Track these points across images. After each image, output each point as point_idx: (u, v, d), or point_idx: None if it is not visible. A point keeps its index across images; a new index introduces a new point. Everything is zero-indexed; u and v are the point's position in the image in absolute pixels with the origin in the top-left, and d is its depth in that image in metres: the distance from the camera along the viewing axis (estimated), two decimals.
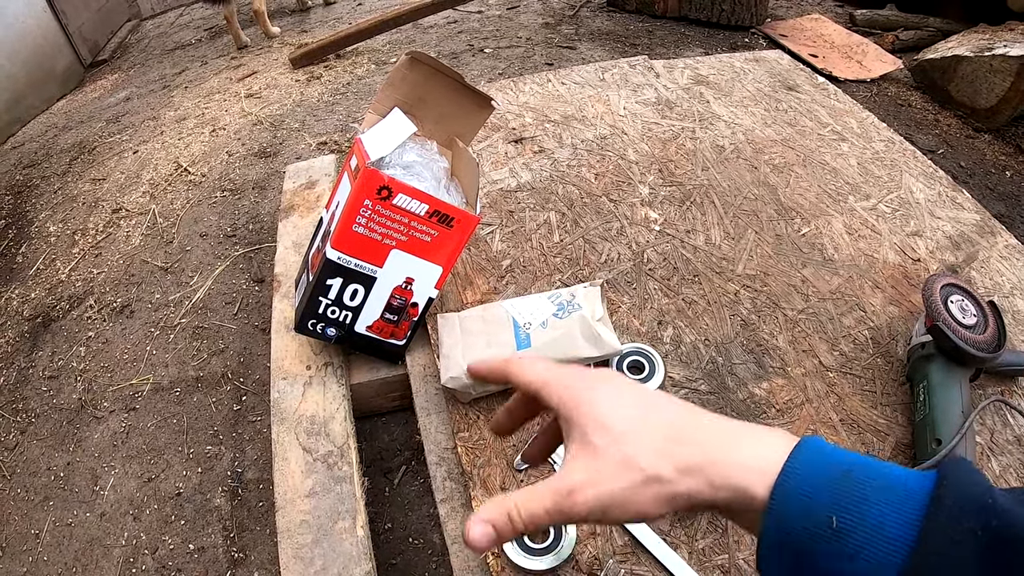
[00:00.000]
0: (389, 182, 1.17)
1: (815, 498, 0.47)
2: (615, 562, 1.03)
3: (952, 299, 1.23)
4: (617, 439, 0.56)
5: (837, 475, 0.48)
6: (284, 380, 1.44)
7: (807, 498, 0.48)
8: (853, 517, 0.46)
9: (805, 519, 0.47)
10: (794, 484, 0.49)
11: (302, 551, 1.17)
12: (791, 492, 0.48)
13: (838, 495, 0.47)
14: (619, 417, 0.58)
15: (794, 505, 0.48)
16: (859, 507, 0.46)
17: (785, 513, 0.48)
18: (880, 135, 1.91)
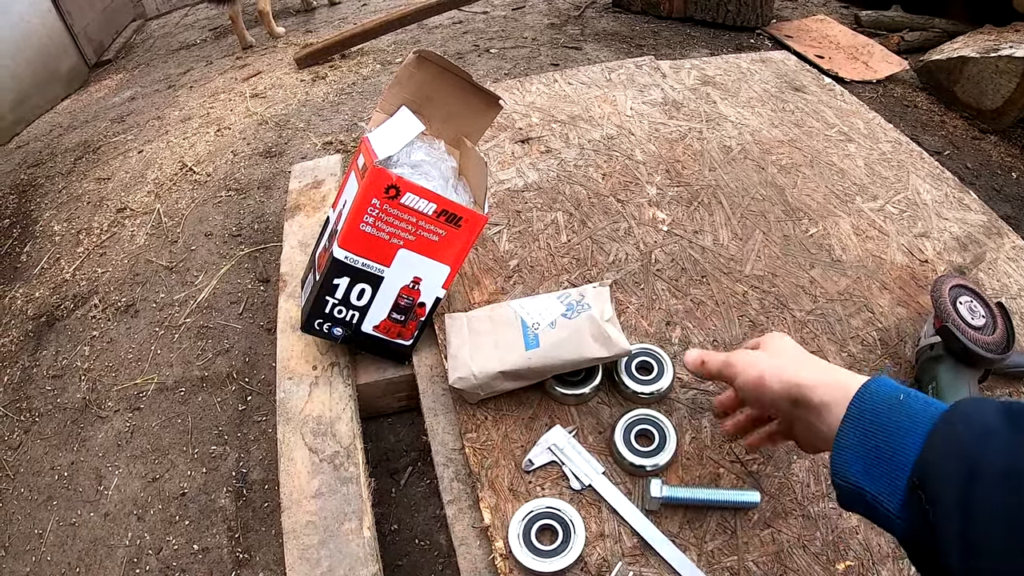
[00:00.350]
0: (397, 181, 1.16)
1: (890, 389, 0.71)
2: (624, 564, 1.02)
3: (961, 300, 1.22)
4: (774, 348, 0.94)
5: (901, 388, 0.71)
6: (290, 380, 1.44)
7: (884, 390, 0.72)
8: (916, 396, 0.69)
9: (883, 398, 0.71)
10: (875, 385, 0.73)
11: (308, 552, 1.16)
12: (872, 388, 0.73)
13: (906, 391, 0.70)
14: (779, 345, 0.95)
15: (875, 392, 0.72)
16: (919, 393, 0.70)
17: (870, 395, 0.72)
18: (887, 136, 1.91)
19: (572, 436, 1.18)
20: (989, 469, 0.57)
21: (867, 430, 0.69)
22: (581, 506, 1.10)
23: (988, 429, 0.60)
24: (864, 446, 0.69)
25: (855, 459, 0.69)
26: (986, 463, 0.57)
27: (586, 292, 1.31)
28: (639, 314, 1.41)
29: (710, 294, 1.45)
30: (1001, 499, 0.55)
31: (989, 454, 0.58)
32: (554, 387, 1.23)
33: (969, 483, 0.57)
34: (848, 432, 0.71)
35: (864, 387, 0.73)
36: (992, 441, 0.59)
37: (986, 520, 0.56)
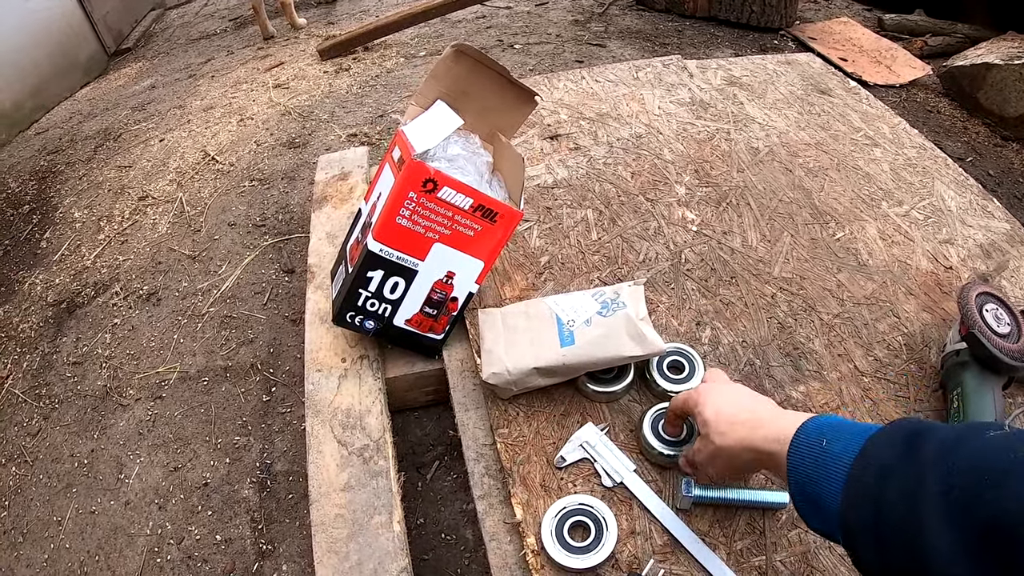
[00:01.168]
0: (435, 175, 1.16)
1: (816, 435, 0.78)
2: (655, 562, 1.03)
3: (987, 307, 1.22)
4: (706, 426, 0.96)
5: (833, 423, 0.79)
6: (319, 372, 1.44)
7: (810, 436, 0.79)
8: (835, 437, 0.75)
9: (809, 446, 0.78)
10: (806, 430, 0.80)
11: (337, 545, 1.16)
12: (801, 436, 0.80)
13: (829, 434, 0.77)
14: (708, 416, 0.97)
15: (802, 442, 0.79)
16: (841, 432, 0.76)
17: (799, 443, 0.79)
18: (912, 141, 1.91)
19: (604, 433, 1.19)
20: (889, 515, 0.64)
21: (805, 481, 0.77)
22: (613, 503, 1.10)
23: (884, 468, 0.67)
24: (807, 496, 0.76)
25: (805, 507, 0.77)
26: (886, 506, 0.64)
27: (621, 290, 1.31)
28: (669, 313, 1.41)
29: (739, 295, 1.45)
30: (906, 543, 0.62)
31: (887, 498, 0.65)
32: (586, 384, 1.23)
33: (877, 533, 0.65)
34: (793, 484, 0.78)
35: (794, 438, 0.81)
36: (888, 479, 0.66)
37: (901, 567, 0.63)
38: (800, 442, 0.79)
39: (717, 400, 0.98)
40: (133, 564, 1.52)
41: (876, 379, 1.28)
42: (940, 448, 0.64)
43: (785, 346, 1.35)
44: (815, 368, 1.31)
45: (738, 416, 0.93)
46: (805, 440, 0.79)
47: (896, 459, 0.67)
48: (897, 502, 0.63)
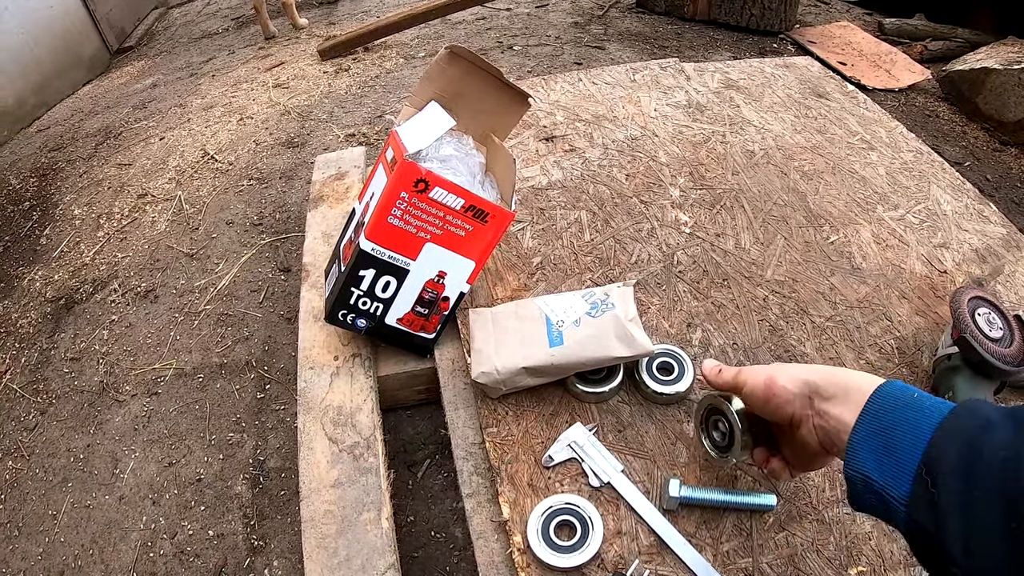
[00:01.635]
0: (427, 175, 1.17)
1: (905, 388, 0.74)
2: (641, 562, 1.03)
3: (979, 312, 1.23)
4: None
5: (915, 389, 0.74)
6: (311, 370, 1.45)
7: (899, 389, 0.75)
8: (929, 395, 0.72)
9: (898, 396, 0.74)
10: (891, 385, 0.76)
11: (326, 541, 1.17)
12: (890, 387, 0.76)
13: (919, 392, 0.73)
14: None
15: (891, 391, 0.75)
16: (930, 396, 0.72)
17: (886, 393, 0.75)
18: (908, 145, 1.91)
19: (592, 434, 1.19)
20: (990, 457, 0.61)
21: (882, 424, 0.73)
22: (599, 503, 1.10)
23: (990, 420, 0.65)
24: (878, 439, 0.72)
25: (868, 452, 0.72)
26: (987, 451, 0.62)
27: (611, 291, 1.31)
28: (660, 315, 1.41)
29: (731, 297, 1.45)
30: (998, 486, 0.60)
31: (989, 443, 0.62)
32: (575, 385, 1.24)
33: (970, 471, 0.62)
34: (864, 426, 0.75)
35: (882, 386, 0.77)
36: (993, 432, 0.63)
37: (984, 508, 0.60)
38: (887, 390, 0.76)
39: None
40: (127, 558, 1.53)
41: None
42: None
43: (776, 349, 1.35)
44: None
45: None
46: (893, 389, 0.76)
47: (1000, 419, 0.65)
48: (999, 448, 0.61)
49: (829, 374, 0.84)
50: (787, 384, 0.87)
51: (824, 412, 0.82)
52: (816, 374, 0.85)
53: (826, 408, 0.82)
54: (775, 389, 0.88)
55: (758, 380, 0.91)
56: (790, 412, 0.87)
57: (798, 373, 0.87)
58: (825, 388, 0.83)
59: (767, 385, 0.89)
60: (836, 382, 0.82)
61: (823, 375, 0.84)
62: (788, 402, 0.87)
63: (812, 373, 0.86)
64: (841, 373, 0.83)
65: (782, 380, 0.87)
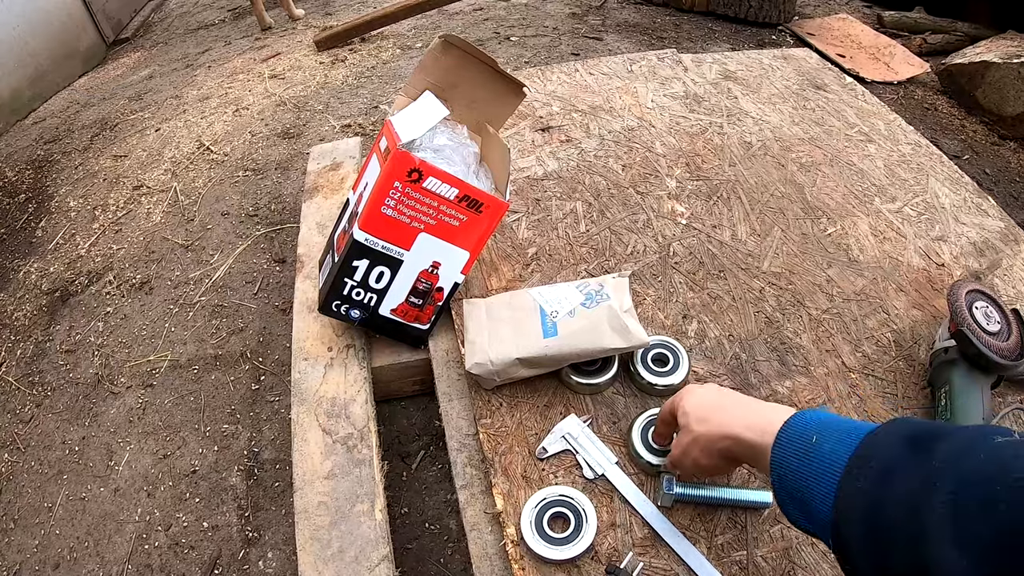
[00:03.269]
0: (420, 165, 1.16)
1: (804, 431, 0.75)
2: (635, 554, 1.03)
3: (977, 305, 1.22)
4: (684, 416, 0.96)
5: (822, 419, 0.75)
6: (305, 361, 1.44)
7: (796, 436, 0.75)
8: (827, 434, 0.72)
9: (796, 441, 0.75)
10: (793, 424, 0.77)
11: (319, 532, 1.17)
12: (788, 430, 0.77)
13: (819, 429, 0.73)
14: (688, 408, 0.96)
15: (789, 437, 0.76)
16: (833, 429, 0.72)
17: (786, 438, 0.76)
18: (907, 138, 1.90)
19: (587, 425, 1.19)
20: (890, 520, 0.61)
21: (791, 478, 0.74)
22: (593, 495, 1.10)
23: (888, 468, 0.64)
24: (792, 494, 0.73)
25: (790, 504, 0.74)
26: (887, 510, 0.61)
27: (605, 282, 1.31)
28: (656, 306, 1.41)
29: (727, 289, 1.45)
30: (907, 551, 0.59)
31: (888, 501, 0.62)
32: (570, 376, 1.23)
33: (875, 539, 0.62)
34: (777, 479, 0.76)
35: (780, 432, 0.78)
36: (891, 482, 0.63)
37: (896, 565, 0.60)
38: (786, 437, 0.77)
39: (700, 392, 0.97)
40: (122, 550, 1.53)
41: (864, 375, 1.28)
42: (949, 453, 0.60)
43: (772, 341, 1.35)
44: (802, 363, 1.31)
45: (721, 403, 0.92)
46: (792, 435, 0.76)
47: (898, 461, 0.63)
48: (900, 506, 0.60)
49: (734, 441, 0.86)
50: (712, 461, 0.92)
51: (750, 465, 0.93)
52: (722, 441, 0.88)
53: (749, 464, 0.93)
54: (705, 468, 0.95)
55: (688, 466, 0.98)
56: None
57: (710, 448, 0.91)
58: (739, 454, 0.87)
59: (696, 468, 0.96)
60: (743, 446, 0.85)
61: (731, 443, 0.87)
62: (720, 470, 0.98)
63: (719, 443, 0.89)
64: (744, 429, 0.85)
65: (705, 461, 0.93)
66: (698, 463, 0.94)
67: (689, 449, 0.94)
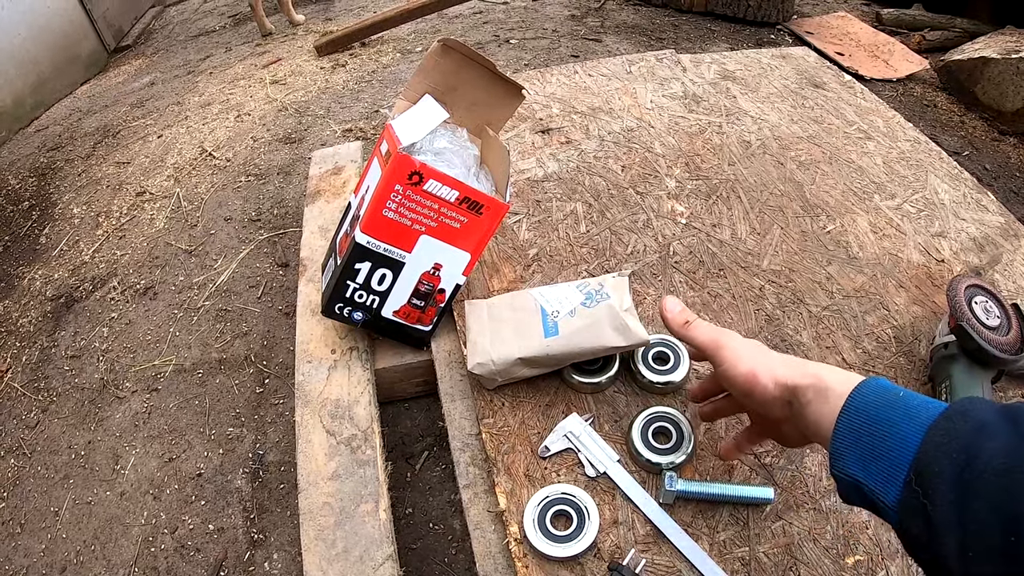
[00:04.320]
0: (420, 168, 1.17)
1: (887, 387, 0.71)
2: (637, 552, 1.03)
3: (976, 300, 1.22)
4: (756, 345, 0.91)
5: (898, 387, 0.71)
6: (309, 363, 1.45)
7: (882, 387, 0.71)
8: (914, 394, 0.69)
9: (881, 395, 0.70)
10: (872, 383, 0.72)
11: (324, 533, 1.17)
12: (870, 385, 0.72)
13: (904, 390, 0.70)
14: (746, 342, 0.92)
15: (871, 390, 0.71)
16: (916, 394, 0.69)
17: (867, 393, 0.71)
18: (906, 135, 1.91)
19: (588, 424, 1.19)
20: (985, 465, 0.58)
21: (864, 424, 0.69)
22: (596, 493, 1.11)
23: (985, 424, 0.61)
24: (861, 441, 0.69)
25: (852, 453, 0.69)
26: (983, 458, 0.58)
27: (605, 282, 1.31)
28: (656, 305, 1.41)
29: (727, 287, 1.45)
30: (997, 499, 0.56)
31: (986, 450, 0.59)
32: (571, 375, 1.24)
33: (965, 481, 0.58)
34: (845, 426, 0.71)
35: (862, 383, 0.73)
36: (989, 435, 0.60)
37: (982, 522, 0.56)
38: (869, 387, 0.72)
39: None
40: (128, 553, 1.54)
41: (864, 371, 1.28)
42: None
43: (773, 338, 1.35)
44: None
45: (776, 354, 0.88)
46: (875, 387, 0.72)
47: (996, 421, 0.61)
48: (997, 455, 0.58)
49: (810, 377, 0.79)
50: (768, 385, 0.83)
51: (803, 416, 0.79)
52: (796, 376, 0.81)
53: (805, 413, 0.78)
54: (756, 388, 0.85)
55: (738, 370, 0.87)
56: (769, 411, 0.86)
57: (778, 374, 0.83)
58: (804, 392, 0.79)
59: (748, 380, 0.86)
60: (815, 385, 0.77)
61: (803, 377, 0.80)
62: (768, 403, 0.85)
63: (792, 374, 0.81)
64: (823, 372, 0.79)
65: (763, 379, 0.84)
66: (753, 376, 0.85)
67: (753, 358, 0.87)
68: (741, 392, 0.89)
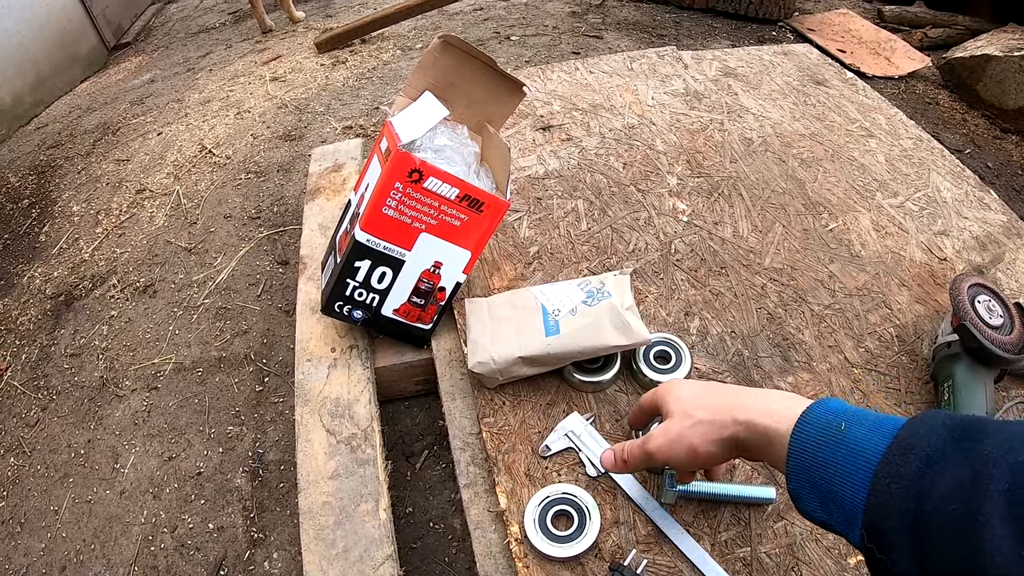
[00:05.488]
0: (420, 165, 1.17)
1: (827, 420, 0.70)
2: (638, 552, 1.03)
3: (979, 299, 1.22)
4: (679, 403, 0.89)
5: (846, 408, 0.71)
6: (309, 362, 1.44)
7: (822, 422, 0.70)
8: (858, 421, 0.67)
9: (822, 432, 0.69)
10: (811, 416, 0.72)
11: (324, 532, 1.17)
12: (810, 420, 0.71)
13: (847, 417, 0.68)
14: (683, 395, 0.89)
15: (813, 424, 0.71)
16: (863, 417, 0.68)
17: (808, 428, 0.71)
18: (908, 132, 1.90)
19: (589, 423, 1.19)
20: (936, 511, 0.56)
21: (814, 466, 0.68)
22: (597, 493, 1.10)
23: (931, 459, 0.59)
24: (815, 484, 0.68)
25: (810, 496, 0.69)
26: (933, 501, 0.57)
27: (606, 280, 1.31)
28: (658, 303, 1.41)
29: (729, 285, 1.45)
30: (956, 551, 0.54)
31: (936, 490, 0.57)
32: (572, 374, 1.23)
33: (919, 533, 0.57)
34: (796, 469, 0.71)
35: (801, 420, 0.72)
36: (937, 471, 0.58)
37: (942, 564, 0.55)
38: (809, 423, 0.71)
39: (693, 383, 0.92)
40: (128, 552, 1.53)
41: (866, 370, 1.28)
42: (998, 445, 0.56)
43: (774, 337, 1.35)
44: (804, 359, 1.30)
45: (722, 390, 0.87)
46: (816, 422, 0.71)
47: (943, 451, 0.59)
48: (948, 497, 0.56)
49: (740, 425, 0.80)
50: (710, 449, 0.83)
51: (759, 458, 0.81)
52: (731, 428, 0.81)
53: (758, 457, 0.80)
54: (700, 457, 0.85)
55: (679, 454, 0.87)
56: (722, 465, 0.93)
57: (713, 434, 0.83)
58: (747, 441, 0.80)
59: (690, 456, 0.86)
60: (756, 431, 0.78)
61: (736, 426, 0.80)
62: (716, 460, 0.85)
63: (726, 428, 0.81)
64: (755, 414, 0.79)
65: (704, 448, 0.84)
66: (695, 451, 0.85)
67: (685, 436, 0.85)
68: (690, 467, 0.91)
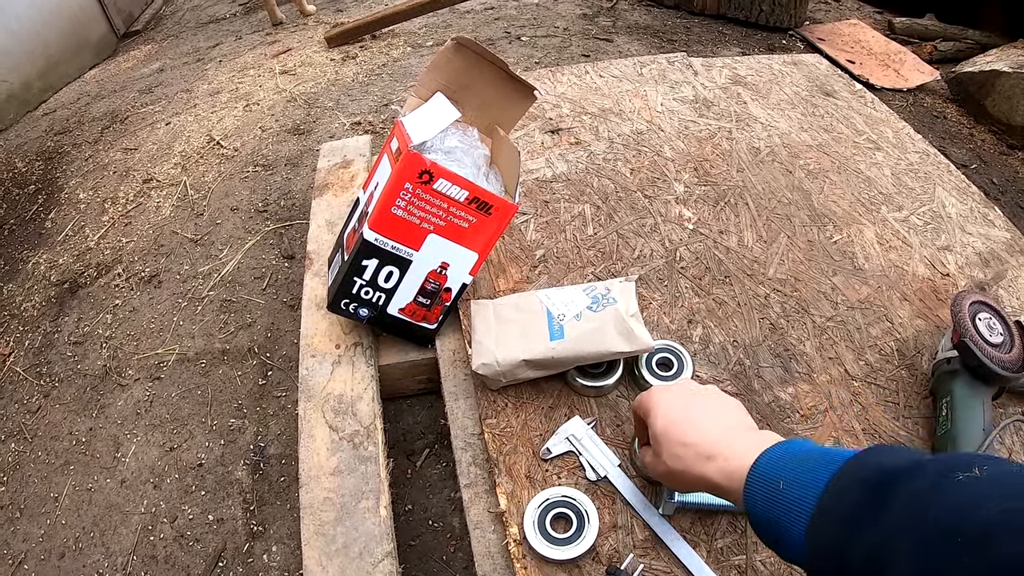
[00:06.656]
0: (431, 167, 1.17)
1: (772, 476, 0.73)
2: (635, 556, 1.03)
3: (980, 316, 1.22)
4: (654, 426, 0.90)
5: (789, 456, 0.74)
6: (313, 358, 1.45)
7: (766, 477, 0.73)
8: (793, 478, 0.70)
9: (765, 488, 0.72)
10: (761, 467, 0.75)
11: (324, 528, 1.18)
12: (758, 473, 0.74)
13: (789, 469, 0.72)
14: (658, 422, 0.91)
15: (758, 484, 0.74)
16: (799, 471, 0.70)
17: (754, 488, 0.74)
18: (915, 146, 1.90)
19: (591, 428, 1.19)
20: (858, 562, 0.60)
21: (761, 521, 0.72)
22: (596, 497, 1.11)
23: (851, 524, 0.62)
24: (765, 533, 0.73)
25: (768, 538, 0.73)
26: (853, 565, 0.60)
27: (612, 286, 1.32)
28: (662, 311, 1.42)
29: (732, 295, 1.45)
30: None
31: (856, 549, 0.60)
32: (575, 378, 1.24)
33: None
34: (751, 519, 0.75)
35: (749, 476, 0.76)
36: (855, 538, 0.61)
37: None
38: (755, 482, 0.75)
39: (669, 413, 0.91)
40: (127, 541, 1.54)
41: (866, 383, 1.29)
42: (910, 504, 0.59)
43: (776, 347, 1.35)
44: (805, 370, 1.31)
45: (689, 437, 0.86)
46: (761, 479, 0.74)
47: (859, 511, 0.62)
48: (864, 559, 0.59)
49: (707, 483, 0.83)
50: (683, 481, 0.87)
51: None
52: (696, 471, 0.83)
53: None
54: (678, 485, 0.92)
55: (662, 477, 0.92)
56: None
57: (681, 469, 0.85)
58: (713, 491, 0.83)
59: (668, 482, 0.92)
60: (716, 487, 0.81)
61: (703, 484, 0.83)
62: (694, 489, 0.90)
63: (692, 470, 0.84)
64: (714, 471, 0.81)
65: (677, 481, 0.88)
66: (671, 479, 0.89)
67: (660, 464, 0.89)
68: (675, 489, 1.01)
